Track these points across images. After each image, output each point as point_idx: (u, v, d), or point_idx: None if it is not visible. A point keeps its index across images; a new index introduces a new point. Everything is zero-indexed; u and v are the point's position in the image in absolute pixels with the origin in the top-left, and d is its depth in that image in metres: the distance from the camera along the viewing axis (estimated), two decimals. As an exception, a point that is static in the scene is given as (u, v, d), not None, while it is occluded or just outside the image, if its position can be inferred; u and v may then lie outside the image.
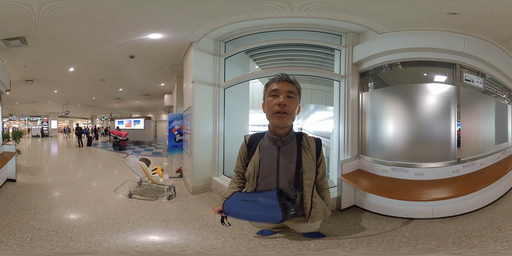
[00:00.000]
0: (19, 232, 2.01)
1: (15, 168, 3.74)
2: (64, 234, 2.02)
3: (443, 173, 2.43)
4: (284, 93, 1.32)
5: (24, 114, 16.25)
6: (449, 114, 2.48)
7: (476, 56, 2.51)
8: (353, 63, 2.80)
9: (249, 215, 1.42)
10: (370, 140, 2.76)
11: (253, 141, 1.51)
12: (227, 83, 3.33)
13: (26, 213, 2.47)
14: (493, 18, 2.22)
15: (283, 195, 1.38)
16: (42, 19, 2.61)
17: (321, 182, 1.54)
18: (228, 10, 2.45)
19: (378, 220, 2.33)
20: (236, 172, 1.61)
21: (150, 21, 2.71)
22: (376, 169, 2.62)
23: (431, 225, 2.16)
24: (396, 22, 2.46)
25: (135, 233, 2.11)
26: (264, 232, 1.97)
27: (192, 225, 2.28)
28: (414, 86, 2.56)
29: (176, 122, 4.22)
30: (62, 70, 5.24)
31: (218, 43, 3.33)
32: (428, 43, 2.44)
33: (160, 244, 1.96)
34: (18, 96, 8.67)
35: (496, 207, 2.46)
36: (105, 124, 17.06)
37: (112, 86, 7.67)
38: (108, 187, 3.54)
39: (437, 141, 2.48)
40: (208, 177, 3.36)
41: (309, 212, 1.44)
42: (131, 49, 3.81)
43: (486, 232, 1.97)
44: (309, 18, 2.55)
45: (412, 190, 2.22)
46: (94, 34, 3.15)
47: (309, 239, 1.86)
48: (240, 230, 2.08)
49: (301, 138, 1.46)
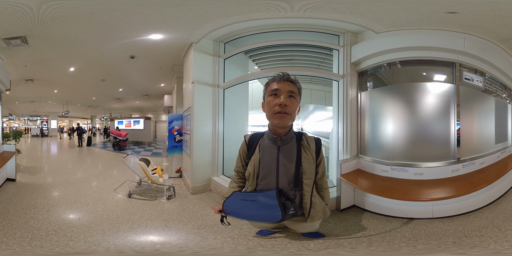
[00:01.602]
0: (19, 232, 2.02)
1: (15, 168, 3.74)
2: (64, 234, 2.02)
3: (443, 173, 2.42)
4: (285, 93, 1.31)
5: (24, 113, 16.23)
6: (449, 113, 2.47)
7: (476, 55, 2.50)
8: (352, 63, 2.80)
9: (249, 214, 1.42)
10: (369, 139, 2.76)
11: (253, 140, 1.51)
12: (226, 84, 3.33)
13: (25, 212, 2.47)
14: (493, 17, 2.22)
15: (283, 195, 1.39)
16: (44, 19, 2.61)
17: (321, 182, 1.54)
18: (228, 11, 2.45)
19: (378, 220, 2.32)
20: (236, 171, 1.61)
21: (152, 21, 2.72)
22: (375, 169, 2.62)
23: (431, 225, 2.15)
24: (394, 22, 2.46)
25: (134, 233, 2.11)
26: (263, 232, 1.97)
27: (191, 225, 2.28)
28: (413, 85, 2.56)
29: (176, 123, 4.22)
30: (63, 70, 5.24)
31: (217, 43, 3.34)
32: (428, 42, 2.43)
33: (159, 244, 1.96)
34: (18, 96, 8.67)
35: (496, 207, 2.46)
36: (104, 124, 16.96)
37: (112, 86, 7.67)
38: (107, 187, 3.54)
39: (437, 140, 2.47)
40: (207, 177, 3.36)
41: (309, 212, 1.44)
42: (132, 50, 3.82)
43: (486, 232, 1.97)
44: (307, 18, 2.56)
45: (412, 190, 2.21)
46: (96, 34, 3.15)
47: (309, 239, 1.85)
48: (239, 230, 2.08)
49: (301, 137, 1.45)
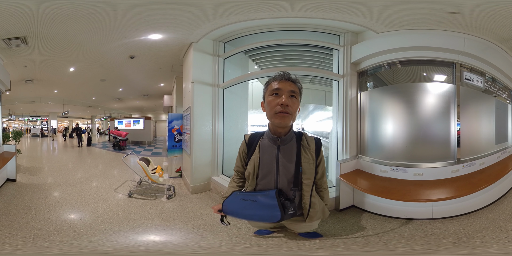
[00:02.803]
0: (21, 232, 2.01)
1: (15, 168, 3.75)
2: (66, 234, 2.02)
3: (443, 173, 2.41)
4: (287, 92, 1.30)
5: (23, 114, 16.23)
6: (449, 113, 2.47)
7: (477, 55, 2.50)
8: (352, 63, 2.79)
9: (248, 214, 1.42)
10: (369, 139, 2.75)
11: (253, 140, 1.50)
12: (226, 83, 3.33)
13: (27, 213, 2.47)
14: (494, 18, 2.21)
15: (282, 195, 1.38)
16: (44, 19, 2.61)
17: (320, 182, 1.54)
18: (227, 11, 2.45)
19: (376, 221, 2.32)
20: (235, 171, 1.61)
21: (151, 21, 2.71)
22: (374, 169, 2.61)
23: (431, 226, 2.15)
24: (394, 22, 2.45)
25: (136, 232, 2.11)
26: (261, 232, 1.98)
27: (191, 224, 2.28)
28: (413, 85, 2.55)
29: (176, 122, 4.22)
30: (62, 70, 5.24)
31: (217, 43, 3.33)
32: (428, 42, 2.43)
33: (161, 243, 1.96)
34: (18, 96, 8.66)
35: (496, 207, 2.45)
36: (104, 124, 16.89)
37: (112, 86, 7.67)
38: (108, 186, 3.54)
39: (437, 141, 2.47)
40: (207, 177, 3.36)
41: (308, 212, 1.44)
42: (131, 50, 3.82)
43: (487, 232, 1.96)
44: (307, 18, 2.55)
45: (411, 191, 2.20)
46: (95, 34, 3.15)
47: (305, 239, 1.85)
48: (238, 229, 2.09)
49: (300, 137, 1.45)
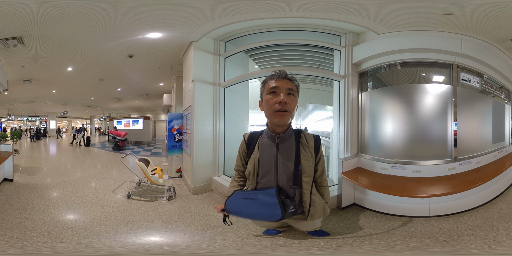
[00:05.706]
0: (10, 232, 1.97)
1: (12, 168, 3.72)
2: (57, 235, 1.97)
3: (440, 171, 2.46)
4: (285, 90, 1.31)
5: (22, 114, 16.11)
6: (446, 113, 2.51)
7: (473, 56, 2.54)
8: (353, 64, 2.82)
9: (250, 213, 1.42)
10: (370, 138, 2.79)
11: (252, 139, 1.51)
12: (227, 83, 3.33)
13: (21, 213, 2.43)
14: (488, 19, 2.24)
15: (282, 193, 1.38)
16: (39, 19, 2.59)
17: (320, 180, 1.53)
18: (230, 10, 2.45)
19: (377, 218, 2.35)
20: (236, 170, 1.61)
21: (150, 20, 2.69)
22: (375, 167, 2.65)
23: (427, 223, 2.18)
24: (395, 23, 2.48)
25: (134, 234, 2.06)
26: (269, 232, 1.98)
27: (194, 226, 2.23)
28: (412, 86, 2.59)
29: (176, 122, 4.19)
30: (60, 70, 5.21)
31: (218, 42, 3.33)
32: (426, 43, 2.46)
33: (167, 246, 1.90)
34: (16, 96, 8.61)
35: (492, 206, 2.48)
36: (103, 124, 16.78)
37: (110, 86, 7.63)
38: (106, 187, 3.51)
39: (434, 139, 2.51)
40: (208, 177, 3.34)
41: (308, 210, 1.44)
42: (130, 49, 3.79)
43: (478, 231, 1.98)
44: (309, 18, 2.57)
45: (410, 187, 2.25)
46: (92, 34, 3.12)
47: (316, 238, 1.87)
48: (245, 230, 2.06)
49: (299, 135, 1.44)
